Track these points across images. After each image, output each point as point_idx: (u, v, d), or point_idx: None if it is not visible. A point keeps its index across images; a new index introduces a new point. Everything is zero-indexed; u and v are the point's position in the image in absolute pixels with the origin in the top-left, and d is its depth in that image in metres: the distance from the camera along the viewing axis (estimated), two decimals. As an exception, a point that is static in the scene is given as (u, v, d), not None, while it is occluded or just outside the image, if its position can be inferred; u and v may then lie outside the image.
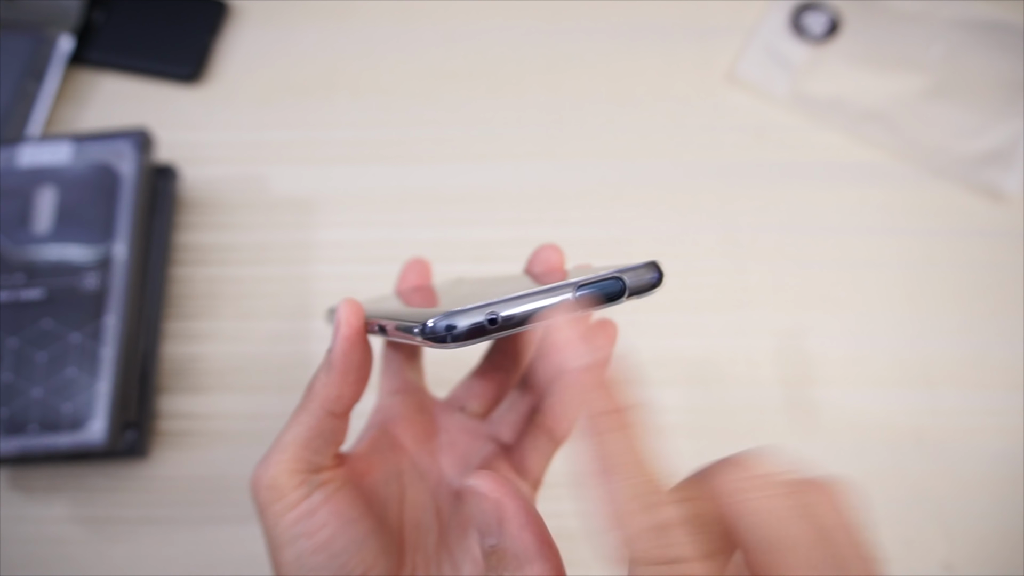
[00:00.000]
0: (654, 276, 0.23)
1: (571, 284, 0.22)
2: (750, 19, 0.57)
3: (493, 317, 0.20)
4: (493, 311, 0.21)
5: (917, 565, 0.42)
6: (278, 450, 0.26)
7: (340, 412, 0.26)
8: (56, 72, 0.52)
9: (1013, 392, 0.46)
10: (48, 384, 0.41)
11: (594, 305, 0.22)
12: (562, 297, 0.21)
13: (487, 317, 0.20)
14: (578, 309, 0.21)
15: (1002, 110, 0.53)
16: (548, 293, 0.21)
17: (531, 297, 0.21)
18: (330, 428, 0.26)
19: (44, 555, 0.42)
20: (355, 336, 0.25)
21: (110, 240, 0.44)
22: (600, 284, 0.22)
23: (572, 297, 0.21)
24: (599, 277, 0.22)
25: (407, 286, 0.34)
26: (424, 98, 0.55)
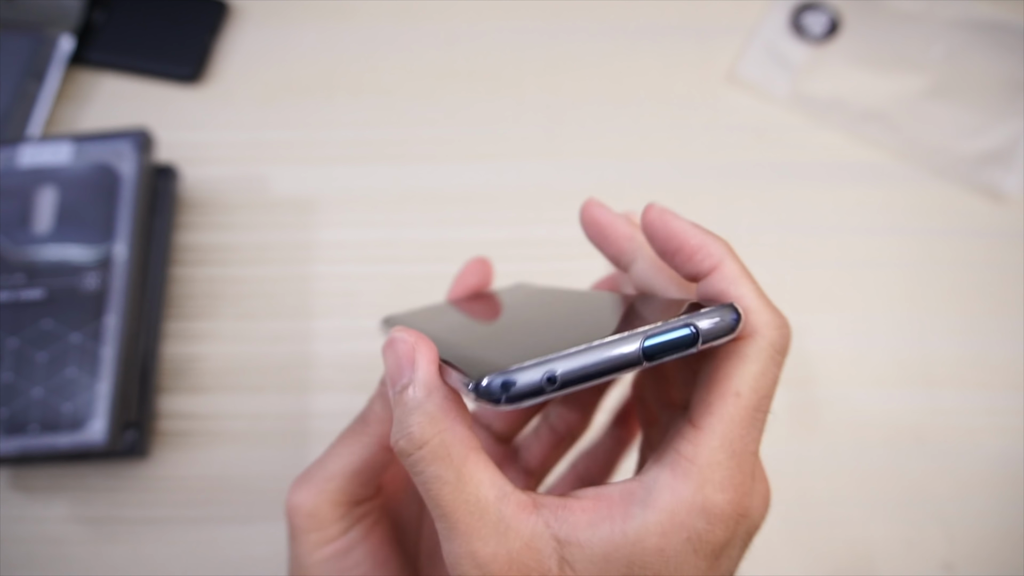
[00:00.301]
0: (732, 318, 0.20)
1: (639, 334, 0.19)
2: (750, 19, 0.57)
3: (552, 376, 0.18)
4: (551, 370, 0.18)
5: (917, 565, 0.42)
6: (324, 478, 0.25)
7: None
8: (56, 72, 0.52)
9: (1013, 392, 0.46)
10: (48, 384, 0.41)
11: (663, 357, 0.19)
12: (629, 350, 0.19)
13: (546, 375, 0.18)
14: (644, 363, 0.19)
15: (1002, 110, 0.53)
16: (613, 344, 0.19)
17: (594, 350, 0.19)
18: (382, 461, 0.25)
19: (44, 555, 0.42)
20: (434, 382, 0.21)
21: (110, 240, 0.44)
22: (672, 334, 0.20)
23: (638, 351, 0.19)
24: (670, 327, 0.20)
25: (464, 292, 0.32)
26: (424, 98, 0.55)
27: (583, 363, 0.19)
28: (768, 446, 0.47)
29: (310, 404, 0.45)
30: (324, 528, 0.24)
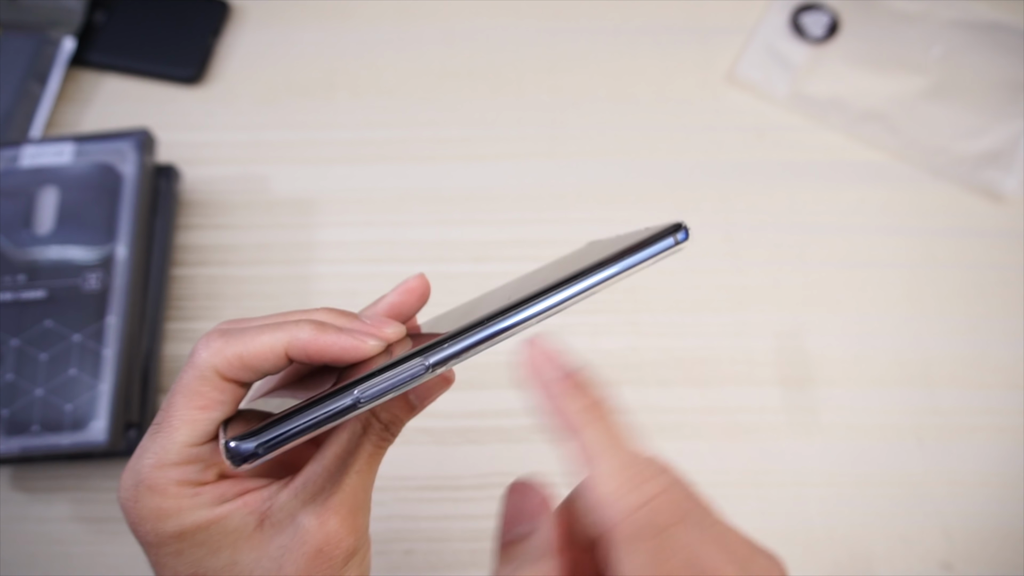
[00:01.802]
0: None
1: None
2: (750, 19, 0.57)
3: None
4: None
5: (916, 564, 0.42)
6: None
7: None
8: (58, 73, 0.52)
9: (1013, 392, 0.46)
10: (50, 384, 0.41)
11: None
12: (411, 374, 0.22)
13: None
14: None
15: (1002, 110, 0.53)
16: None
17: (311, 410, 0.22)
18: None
19: (45, 554, 0.42)
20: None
21: (112, 240, 0.44)
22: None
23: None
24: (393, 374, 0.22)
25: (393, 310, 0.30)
26: (424, 98, 0.55)
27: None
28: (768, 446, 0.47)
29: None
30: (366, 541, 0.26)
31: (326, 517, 0.23)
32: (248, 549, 0.24)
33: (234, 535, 0.24)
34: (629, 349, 0.47)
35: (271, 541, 0.24)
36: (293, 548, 0.23)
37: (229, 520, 0.24)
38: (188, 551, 0.23)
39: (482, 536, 0.42)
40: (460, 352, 0.22)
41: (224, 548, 0.24)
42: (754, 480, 0.44)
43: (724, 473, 0.44)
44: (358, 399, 0.22)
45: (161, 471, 0.24)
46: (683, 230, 0.23)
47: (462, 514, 0.43)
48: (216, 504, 0.24)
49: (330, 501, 0.24)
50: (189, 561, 0.24)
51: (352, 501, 0.24)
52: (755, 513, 0.43)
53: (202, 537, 0.23)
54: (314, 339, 0.24)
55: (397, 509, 0.43)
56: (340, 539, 0.23)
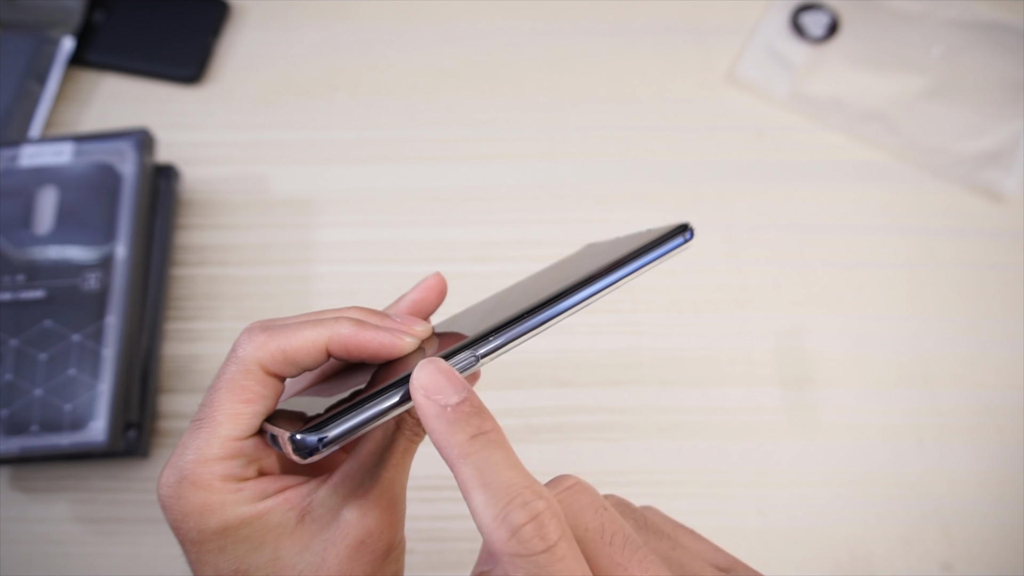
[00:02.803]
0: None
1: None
2: (750, 19, 0.57)
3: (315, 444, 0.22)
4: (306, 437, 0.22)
5: (916, 564, 0.42)
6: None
7: None
8: (57, 73, 0.52)
9: (1013, 392, 0.46)
10: (49, 384, 0.41)
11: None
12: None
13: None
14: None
15: (1002, 110, 0.53)
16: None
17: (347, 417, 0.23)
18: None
19: (44, 555, 0.42)
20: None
21: (111, 240, 0.44)
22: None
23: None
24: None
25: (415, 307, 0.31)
26: (424, 98, 0.55)
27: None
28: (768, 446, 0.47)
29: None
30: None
31: (367, 509, 0.24)
32: (290, 544, 0.24)
33: (277, 530, 0.24)
34: (629, 349, 0.47)
35: (313, 536, 0.24)
36: (336, 541, 0.24)
37: (271, 515, 0.24)
38: (231, 547, 0.24)
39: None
40: (504, 343, 0.24)
41: (267, 544, 0.24)
42: (754, 480, 0.44)
43: (724, 473, 0.44)
44: (403, 398, 0.23)
45: (205, 466, 0.24)
46: (689, 230, 0.25)
47: (462, 514, 0.43)
48: (258, 500, 0.24)
49: (370, 495, 0.24)
50: (232, 557, 0.24)
51: (391, 494, 0.24)
52: (755, 513, 0.43)
53: (245, 532, 0.24)
54: (354, 335, 0.24)
55: (397, 509, 0.43)
56: (382, 531, 0.24)
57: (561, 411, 0.45)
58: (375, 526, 0.24)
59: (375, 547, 0.24)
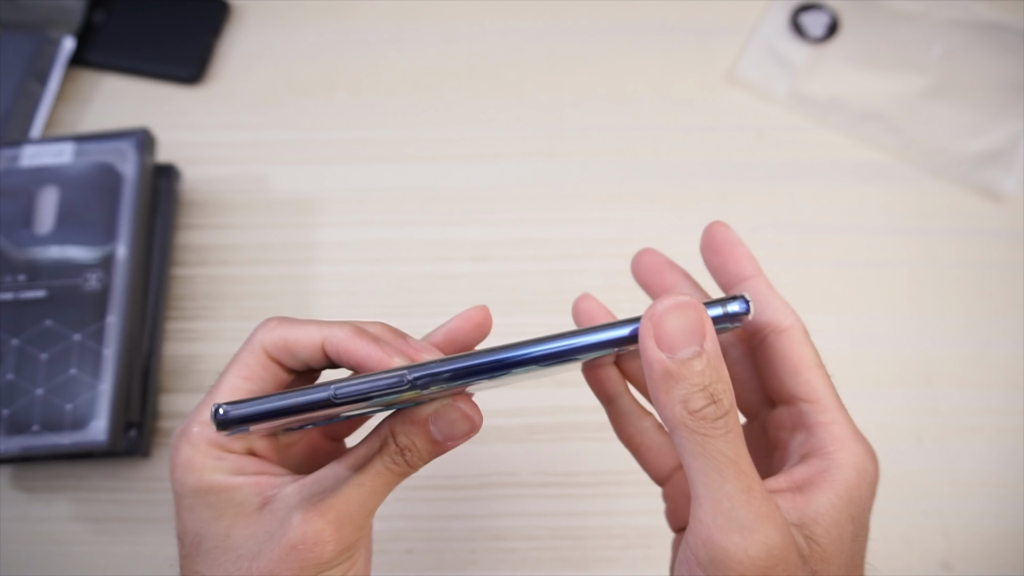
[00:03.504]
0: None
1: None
2: (750, 19, 0.57)
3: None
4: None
5: (916, 564, 0.42)
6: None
7: None
8: (58, 73, 0.52)
9: (1013, 392, 0.46)
10: (50, 384, 0.41)
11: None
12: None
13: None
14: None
15: (1002, 110, 0.53)
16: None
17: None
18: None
19: (45, 554, 0.42)
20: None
21: (112, 240, 0.44)
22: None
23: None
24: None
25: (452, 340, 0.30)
26: (424, 98, 0.55)
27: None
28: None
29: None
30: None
31: (311, 516, 0.23)
32: (243, 526, 0.24)
33: (236, 508, 0.25)
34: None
35: (263, 527, 0.24)
36: (275, 537, 0.24)
37: (238, 492, 0.25)
38: (197, 509, 0.25)
39: (482, 536, 0.42)
40: (441, 373, 0.22)
41: (225, 518, 0.25)
42: (754, 480, 0.44)
43: (724, 473, 0.44)
44: (334, 394, 0.23)
45: (199, 427, 0.25)
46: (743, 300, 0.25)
47: (462, 514, 0.43)
48: (233, 473, 0.25)
49: (321, 504, 0.24)
50: (196, 519, 0.25)
51: (343, 510, 0.24)
52: (755, 513, 0.43)
53: (211, 499, 0.25)
54: (346, 340, 0.25)
55: (397, 509, 0.43)
56: (317, 542, 0.23)
57: (561, 411, 0.45)
58: (312, 534, 0.23)
59: (306, 555, 0.23)
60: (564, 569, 0.42)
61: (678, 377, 0.22)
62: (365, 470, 0.25)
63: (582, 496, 0.44)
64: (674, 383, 0.22)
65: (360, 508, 0.24)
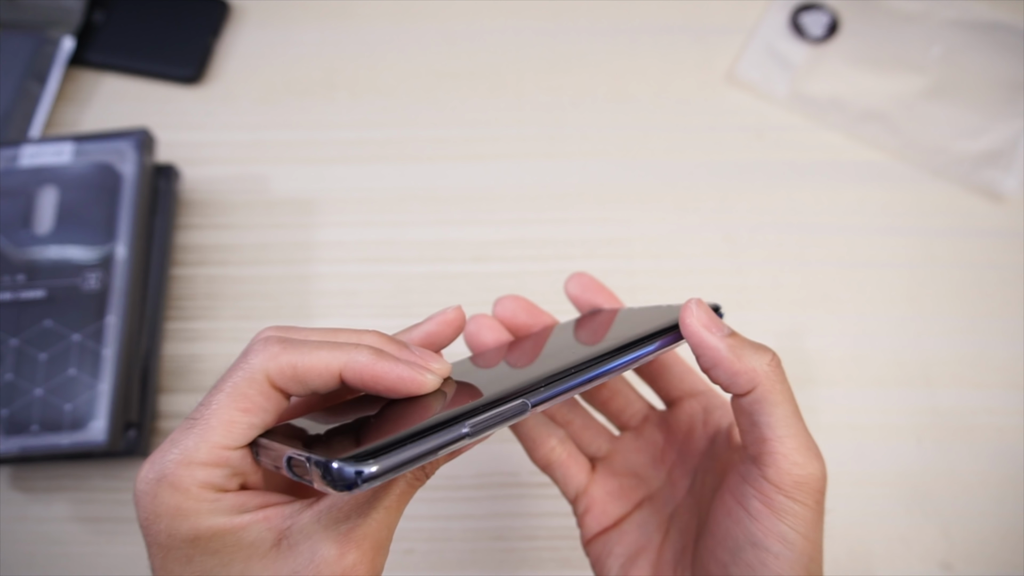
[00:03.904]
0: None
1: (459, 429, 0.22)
2: (750, 19, 0.57)
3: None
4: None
5: (916, 564, 0.42)
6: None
7: None
8: (57, 73, 0.52)
9: (1013, 392, 0.46)
10: (49, 384, 0.41)
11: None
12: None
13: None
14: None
15: (1002, 110, 0.53)
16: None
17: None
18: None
19: (44, 555, 0.42)
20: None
21: (111, 240, 0.44)
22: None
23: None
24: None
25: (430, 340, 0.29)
26: (424, 98, 0.55)
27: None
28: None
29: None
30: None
31: (347, 549, 0.22)
32: (261, 567, 0.22)
33: (249, 549, 0.22)
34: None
35: (285, 562, 0.22)
36: (306, 574, 0.22)
37: (247, 532, 0.22)
38: (199, 558, 0.22)
39: (482, 536, 0.42)
40: (558, 395, 0.24)
41: (237, 561, 0.22)
42: (754, 480, 0.44)
43: (724, 473, 0.44)
44: (468, 432, 0.21)
45: (187, 468, 0.22)
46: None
47: (462, 514, 0.43)
48: (235, 513, 0.23)
49: (354, 533, 0.22)
50: (198, 570, 0.22)
51: (376, 537, 0.23)
52: (755, 513, 0.43)
53: (216, 545, 0.22)
54: (371, 365, 0.23)
55: (397, 509, 0.43)
56: (355, 571, 0.22)
57: (561, 411, 0.45)
58: (351, 568, 0.22)
59: None
60: (564, 569, 0.42)
61: (739, 344, 0.26)
62: (389, 491, 0.23)
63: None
64: (740, 349, 0.26)
65: (388, 531, 0.23)
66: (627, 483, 0.33)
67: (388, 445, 0.20)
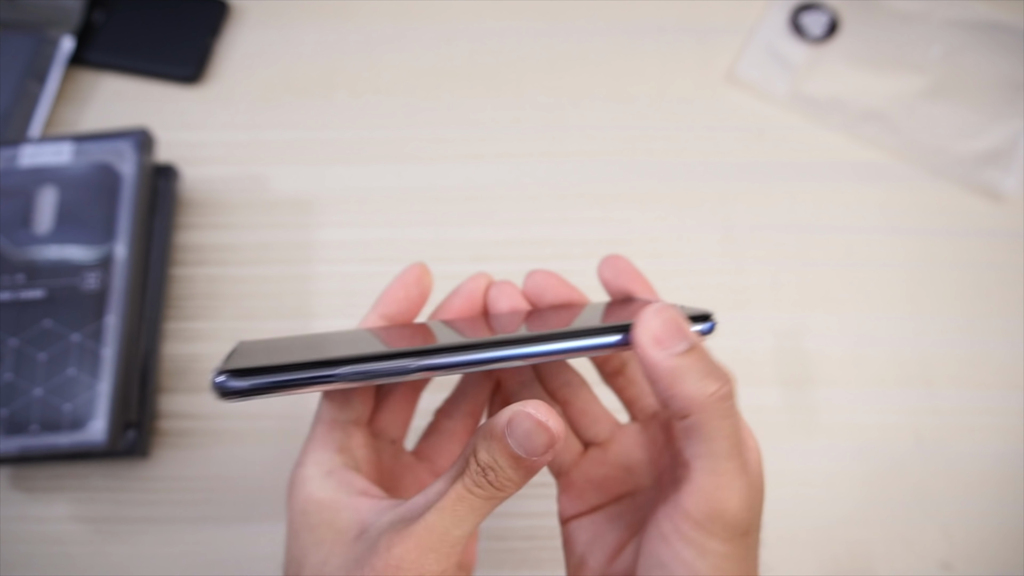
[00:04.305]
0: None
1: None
2: (750, 19, 0.57)
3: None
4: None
5: (916, 564, 0.42)
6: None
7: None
8: (57, 72, 0.52)
9: (1013, 392, 0.46)
10: (49, 384, 0.41)
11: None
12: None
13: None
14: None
15: (1001, 110, 0.53)
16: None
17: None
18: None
19: (44, 555, 0.42)
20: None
21: (111, 240, 0.44)
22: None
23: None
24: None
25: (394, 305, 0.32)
26: (424, 98, 0.55)
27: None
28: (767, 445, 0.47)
29: (310, 404, 0.45)
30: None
31: (394, 542, 0.23)
32: (340, 553, 0.24)
33: (336, 535, 0.24)
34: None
35: (356, 552, 0.24)
36: (360, 562, 0.23)
37: (340, 516, 0.24)
38: (302, 535, 0.25)
39: (482, 536, 0.42)
40: (451, 366, 0.23)
41: (325, 543, 0.24)
42: (754, 480, 0.44)
43: (724, 473, 0.44)
44: (338, 375, 0.23)
45: (309, 444, 0.27)
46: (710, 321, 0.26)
47: (462, 514, 0.43)
48: (339, 490, 0.25)
49: (405, 531, 0.23)
50: (299, 546, 0.25)
51: (425, 537, 0.23)
52: (755, 513, 0.43)
53: (314, 520, 0.25)
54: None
55: (397, 509, 0.42)
56: (399, 567, 0.23)
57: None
58: (395, 561, 0.23)
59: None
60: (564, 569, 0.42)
61: (686, 366, 0.24)
62: (447, 495, 0.23)
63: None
64: (684, 371, 0.24)
65: (444, 536, 0.23)
66: (613, 475, 0.32)
67: (268, 368, 0.22)
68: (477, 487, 0.23)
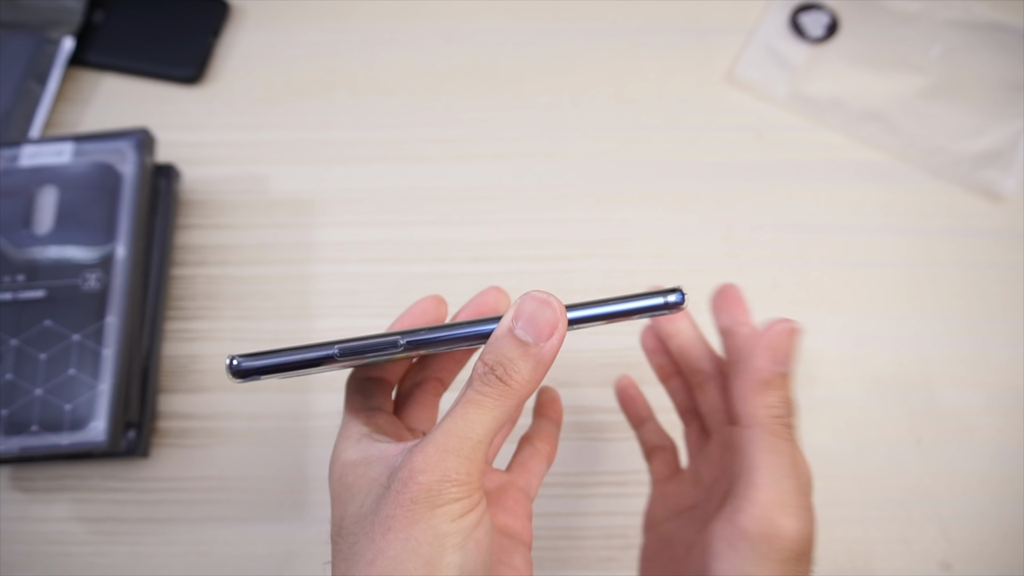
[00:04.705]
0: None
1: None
2: (750, 19, 0.57)
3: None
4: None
5: (916, 564, 0.42)
6: (474, 443, 0.24)
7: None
8: (58, 73, 0.52)
9: (1012, 392, 0.46)
10: (49, 384, 0.41)
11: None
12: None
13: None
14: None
15: (1001, 110, 0.53)
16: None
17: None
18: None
19: (44, 555, 0.42)
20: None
21: (111, 240, 0.44)
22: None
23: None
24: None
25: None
26: (424, 98, 0.55)
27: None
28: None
29: (310, 404, 0.46)
30: (473, 495, 0.24)
31: (415, 452, 0.23)
32: (376, 496, 0.24)
33: (369, 484, 0.25)
34: (629, 349, 0.47)
35: (386, 480, 0.24)
36: (386, 485, 0.24)
37: (371, 468, 0.25)
38: (342, 497, 0.25)
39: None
40: (432, 341, 0.25)
41: (359, 494, 0.25)
42: (754, 480, 0.44)
43: (724, 473, 0.44)
44: (336, 353, 0.25)
45: (344, 440, 0.27)
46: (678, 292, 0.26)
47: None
48: (367, 449, 0.26)
49: (423, 440, 0.24)
50: (340, 507, 0.25)
51: (441, 441, 0.23)
52: (755, 513, 0.43)
53: (349, 479, 0.25)
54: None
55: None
56: (418, 471, 0.23)
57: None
58: (414, 465, 0.23)
59: (414, 490, 0.23)
60: (564, 569, 0.42)
61: (776, 386, 0.27)
62: (458, 402, 0.24)
63: (582, 496, 0.44)
64: (770, 390, 0.27)
65: (461, 439, 0.23)
66: (684, 490, 0.35)
67: (276, 351, 0.25)
68: (485, 385, 0.24)
